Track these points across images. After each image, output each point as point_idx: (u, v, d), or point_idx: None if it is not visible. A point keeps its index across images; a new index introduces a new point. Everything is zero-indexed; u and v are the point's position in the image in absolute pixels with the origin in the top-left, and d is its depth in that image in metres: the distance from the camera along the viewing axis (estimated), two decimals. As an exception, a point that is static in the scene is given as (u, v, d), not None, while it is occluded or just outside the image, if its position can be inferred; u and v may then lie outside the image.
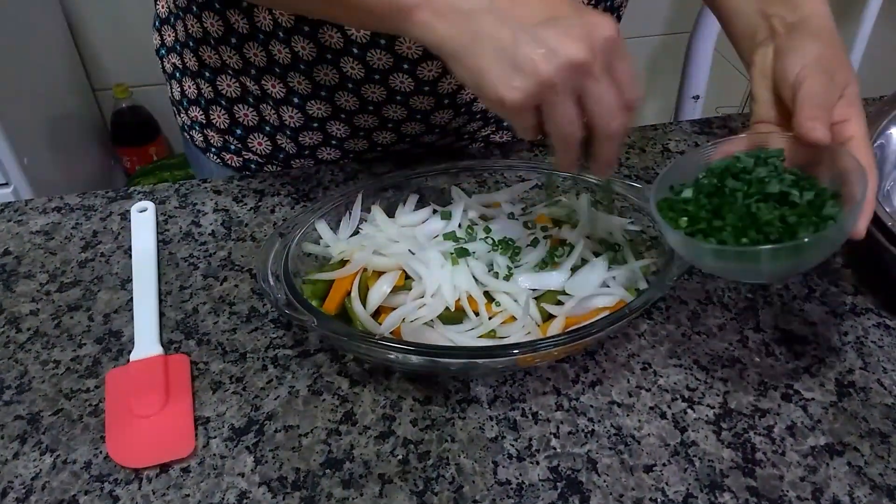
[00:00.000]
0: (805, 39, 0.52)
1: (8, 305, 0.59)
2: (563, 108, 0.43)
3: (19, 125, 1.29)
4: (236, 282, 0.61)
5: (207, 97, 0.72)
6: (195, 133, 0.77)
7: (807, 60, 0.50)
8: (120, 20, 1.63)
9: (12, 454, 0.49)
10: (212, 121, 0.74)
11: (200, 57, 0.70)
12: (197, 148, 0.78)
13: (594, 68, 0.42)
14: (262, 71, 0.66)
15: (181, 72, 0.74)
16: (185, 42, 0.70)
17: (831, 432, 0.50)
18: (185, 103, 0.76)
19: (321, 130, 0.70)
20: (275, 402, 0.52)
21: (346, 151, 0.73)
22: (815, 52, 0.51)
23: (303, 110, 0.68)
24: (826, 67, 0.50)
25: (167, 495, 0.47)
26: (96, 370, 0.54)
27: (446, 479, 0.48)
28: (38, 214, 0.67)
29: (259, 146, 0.73)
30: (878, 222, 0.55)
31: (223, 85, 0.70)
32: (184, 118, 0.77)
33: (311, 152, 0.73)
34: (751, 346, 0.56)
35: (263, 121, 0.71)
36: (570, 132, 0.44)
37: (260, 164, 0.76)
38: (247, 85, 0.69)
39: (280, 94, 0.67)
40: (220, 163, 0.77)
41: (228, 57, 0.67)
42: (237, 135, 0.73)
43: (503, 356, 0.49)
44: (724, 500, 0.47)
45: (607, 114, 0.44)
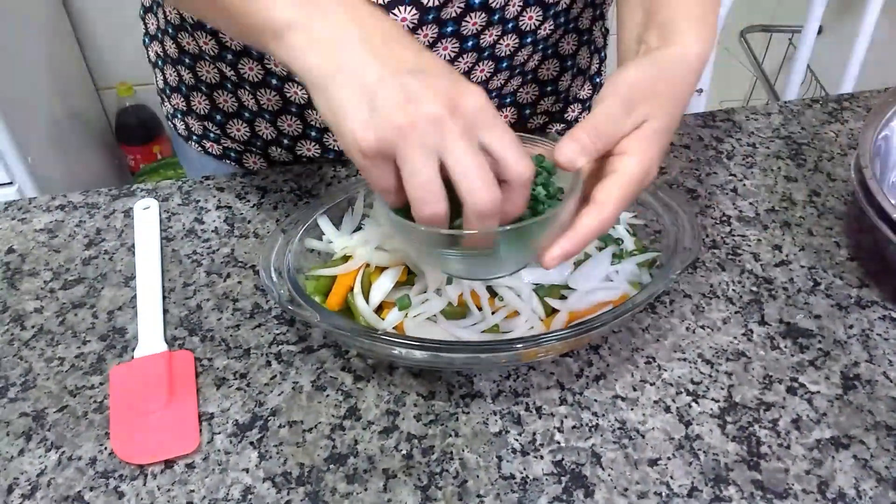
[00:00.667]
0: (635, 64, 0.47)
1: (12, 303, 0.59)
2: (417, 165, 0.39)
3: (23, 124, 1.29)
4: (239, 278, 0.61)
5: (188, 84, 0.72)
6: (177, 121, 0.77)
7: (619, 83, 0.46)
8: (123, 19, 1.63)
9: (18, 451, 0.49)
10: (192, 108, 0.74)
11: (179, 43, 0.70)
12: (180, 136, 0.79)
13: (453, 128, 0.39)
14: (239, 55, 0.66)
15: (163, 59, 0.74)
16: (165, 29, 0.71)
17: (837, 425, 0.50)
18: (168, 91, 0.76)
19: (300, 117, 0.70)
20: (279, 398, 0.52)
21: (325, 148, 0.72)
22: (632, 77, 0.46)
23: (280, 93, 0.68)
24: (631, 94, 0.45)
25: (172, 491, 0.47)
26: (101, 367, 0.54)
27: (450, 473, 0.48)
28: (42, 212, 0.68)
29: (238, 132, 0.73)
30: (883, 214, 0.55)
31: (202, 71, 0.70)
32: (167, 107, 0.78)
33: (291, 142, 0.72)
34: (755, 339, 0.56)
35: (242, 106, 0.71)
36: (426, 197, 0.39)
37: (239, 153, 0.76)
38: (224, 70, 0.68)
39: (258, 78, 0.67)
40: (202, 151, 0.77)
41: (204, 42, 0.67)
42: (216, 121, 0.73)
43: (506, 351, 0.49)
44: (728, 493, 0.47)
45: (474, 183, 0.39)
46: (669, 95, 0.47)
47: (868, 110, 0.78)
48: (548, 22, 0.66)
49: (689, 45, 0.48)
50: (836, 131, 0.75)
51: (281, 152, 0.74)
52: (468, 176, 0.39)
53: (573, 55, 0.73)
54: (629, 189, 0.45)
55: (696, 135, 0.77)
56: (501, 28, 0.63)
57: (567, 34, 0.71)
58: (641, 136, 0.45)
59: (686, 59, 0.48)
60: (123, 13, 1.62)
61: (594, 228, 0.44)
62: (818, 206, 0.67)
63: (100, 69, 1.70)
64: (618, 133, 0.45)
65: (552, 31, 0.67)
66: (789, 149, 0.73)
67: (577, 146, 0.44)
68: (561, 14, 0.67)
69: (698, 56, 0.48)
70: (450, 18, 0.60)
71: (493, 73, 0.67)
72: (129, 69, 1.69)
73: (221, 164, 0.77)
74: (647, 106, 0.46)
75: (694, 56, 0.48)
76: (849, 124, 0.76)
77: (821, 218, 0.66)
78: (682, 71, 0.48)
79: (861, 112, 0.78)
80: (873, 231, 0.56)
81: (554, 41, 0.70)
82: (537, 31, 0.66)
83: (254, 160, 0.76)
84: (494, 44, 0.64)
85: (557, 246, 0.43)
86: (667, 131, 0.47)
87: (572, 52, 0.73)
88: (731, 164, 0.72)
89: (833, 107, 0.79)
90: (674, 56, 0.48)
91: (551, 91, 0.75)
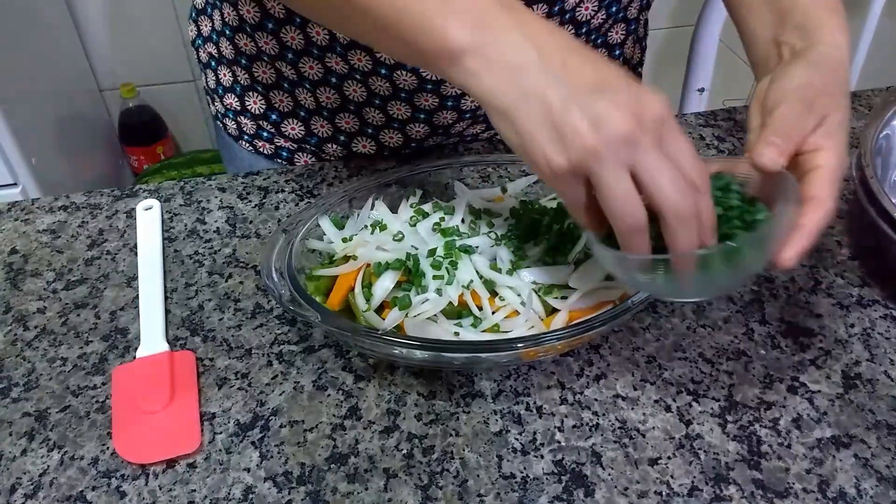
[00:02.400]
0: (798, 66, 0.51)
1: (15, 303, 0.60)
2: (612, 181, 0.40)
3: (27, 125, 1.30)
4: (241, 278, 0.61)
5: (244, 84, 0.73)
6: (229, 121, 0.78)
7: (789, 86, 0.49)
8: (126, 20, 1.64)
9: (20, 451, 0.50)
10: (247, 107, 0.75)
11: (237, 44, 0.71)
12: (229, 136, 0.79)
13: (642, 141, 0.40)
14: (299, 54, 0.67)
15: (217, 60, 0.75)
16: (222, 30, 0.72)
17: (837, 424, 0.50)
18: (221, 91, 0.77)
19: (357, 115, 0.71)
20: (280, 398, 0.52)
21: (381, 145, 0.73)
22: (802, 78, 0.49)
23: (340, 91, 0.69)
24: (806, 94, 0.48)
25: (173, 490, 0.47)
26: (103, 367, 0.55)
27: (451, 473, 0.48)
28: (45, 213, 0.68)
29: (293, 130, 0.74)
30: (884, 213, 0.55)
31: (259, 71, 0.71)
32: (218, 106, 0.79)
33: (347, 139, 0.73)
34: (756, 338, 0.56)
35: (299, 105, 0.72)
36: (626, 210, 0.41)
37: (291, 152, 0.76)
38: (282, 70, 0.69)
39: (318, 76, 0.68)
40: (253, 150, 0.78)
41: (265, 42, 0.68)
42: (272, 120, 0.74)
43: (507, 350, 0.49)
44: (729, 492, 0.47)
45: (669, 190, 0.40)
46: (839, 90, 0.50)
47: (870, 109, 0.78)
48: (601, 12, 0.66)
49: (836, 38, 0.52)
50: (838, 130, 0.75)
51: (336, 149, 0.74)
52: (662, 183, 0.40)
53: (621, 44, 0.74)
54: (836, 180, 0.47)
55: (698, 134, 0.77)
56: (559, 19, 0.64)
57: (617, 23, 0.71)
58: (828, 130, 0.48)
59: (839, 53, 0.52)
60: (127, 14, 1.63)
61: (820, 223, 0.46)
62: (820, 205, 0.67)
63: (103, 70, 1.71)
64: (804, 132, 0.48)
65: (604, 21, 0.68)
66: (791, 148, 0.73)
67: (775, 149, 0.46)
68: (613, 3, 0.67)
69: (844, 46, 0.52)
70: None
71: None
72: (133, 70, 1.70)
73: (272, 163, 0.78)
74: (823, 103, 0.48)
75: (844, 47, 0.52)
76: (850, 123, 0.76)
77: (822, 217, 0.66)
78: (840, 65, 0.51)
79: (863, 111, 0.78)
80: (874, 230, 0.56)
81: (605, 30, 0.70)
82: (591, 21, 0.66)
83: (305, 159, 0.77)
84: None
85: (793, 246, 0.45)
86: (847, 122, 0.50)
87: (620, 41, 0.73)
88: (733, 164, 0.72)
89: (835, 105, 0.78)
90: (829, 53, 0.51)
91: None
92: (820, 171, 0.47)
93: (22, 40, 1.36)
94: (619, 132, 0.39)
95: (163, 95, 1.75)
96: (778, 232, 0.45)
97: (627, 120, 0.40)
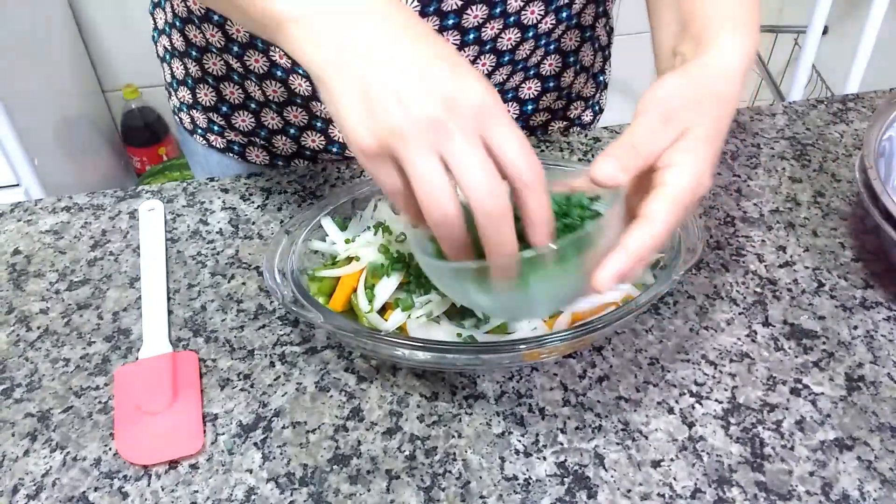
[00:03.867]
0: (671, 76, 0.46)
1: (18, 304, 0.60)
2: (419, 167, 0.38)
3: (30, 126, 1.30)
4: (244, 279, 0.61)
5: (195, 76, 0.73)
6: (183, 115, 0.78)
7: (654, 96, 0.45)
8: (129, 22, 1.64)
9: (23, 451, 0.50)
10: (198, 100, 0.75)
11: (186, 36, 0.71)
12: (185, 130, 0.80)
13: (452, 128, 0.38)
14: (244, 46, 0.67)
15: (170, 53, 0.75)
16: (173, 23, 0.72)
17: (841, 427, 0.50)
18: (175, 84, 0.77)
19: (305, 108, 0.70)
20: (282, 399, 0.52)
21: (330, 139, 0.73)
22: (672, 90, 0.45)
23: (286, 84, 0.68)
24: (668, 106, 0.44)
25: (176, 491, 0.47)
26: (105, 368, 0.55)
27: (453, 474, 0.48)
28: (48, 214, 0.68)
29: (243, 123, 0.73)
30: (887, 215, 0.54)
31: (209, 63, 0.71)
32: (174, 100, 0.79)
33: (297, 132, 0.73)
34: (759, 340, 0.56)
35: (248, 97, 0.72)
36: (432, 198, 0.38)
37: (242, 146, 0.76)
38: (230, 63, 0.69)
39: (263, 69, 0.67)
40: (206, 144, 0.78)
41: (211, 35, 0.68)
42: (222, 112, 0.74)
43: (509, 352, 0.49)
44: (732, 494, 0.46)
45: (477, 181, 0.38)
46: (711, 103, 0.45)
47: (873, 111, 0.78)
48: (549, 16, 0.66)
49: (724, 50, 0.47)
50: (841, 132, 0.75)
51: (286, 142, 0.74)
52: (470, 174, 0.38)
53: (576, 51, 0.73)
54: (679, 201, 0.42)
55: (700, 136, 0.77)
56: (503, 21, 0.63)
57: (570, 30, 0.71)
58: (686, 146, 0.44)
59: (723, 65, 0.46)
60: (129, 15, 1.63)
61: (646, 244, 0.41)
62: (823, 206, 0.67)
63: (106, 71, 1.71)
64: (656, 147, 0.43)
65: (554, 26, 0.68)
66: (794, 149, 0.73)
67: (615, 163, 0.42)
68: (563, 9, 0.67)
69: (740, 58, 0.47)
70: (451, 11, 0.60)
71: (494, 67, 0.67)
72: (135, 71, 1.70)
73: (224, 157, 0.78)
74: (687, 116, 0.44)
75: (731, 61, 0.47)
76: (854, 125, 0.76)
77: (825, 219, 0.66)
78: (719, 78, 0.46)
79: (866, 112, 0.78)
80: (878, 232, 0.56)
81: (556, 37, 0.70)
82: (539, 26, 0.66)
83: (256, 153, 0.76)
84: (496, 37, 0.64)
85: (608, 266, 0.40)
86: (714, 138, 0.45)
87: (575, 48, 0.73)
88: (736, 165, 0.72)
89: (838, 107, 0.78)
90: (710, 64, 0.46)
91: (554, 87, 0.75)
92: (662, 189, 0.43)
93: (25, 41, 1.36)
94: (425, 114, 0.38)
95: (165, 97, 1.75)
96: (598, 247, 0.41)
97: (437, 103, 0.38)
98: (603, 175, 0.41)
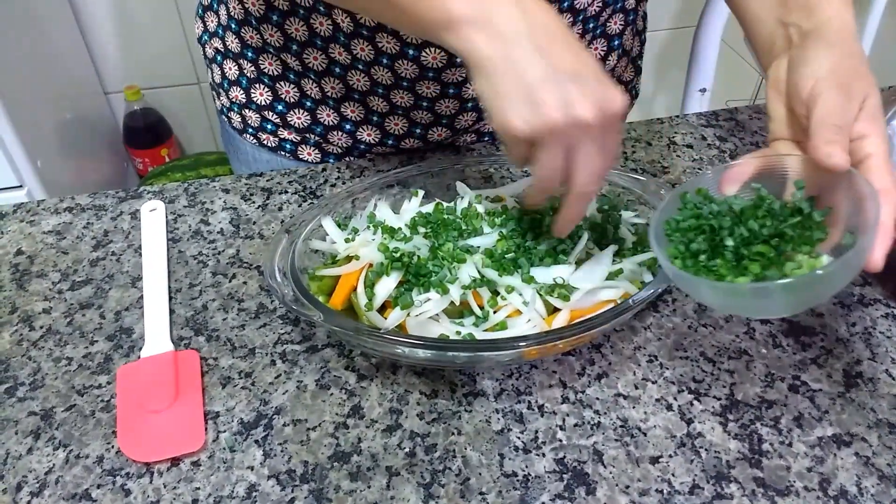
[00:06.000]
0: (819, 49, 0.49)
1: (21, 304, 0.60)
2: (553, 154, 0.46)
3: (32, 128, 1.30)
4: (245, 279, 0.61)
5: (249, 76, 0.74)
6: (233, 114, 0.79)
7: (820, 73, 0.48)
8: (131, 23, 1.64)
9: (26, 449, 0.50)
10: (252, 99, 0.76)
11: (242, 38, 0.72)
12: (234, 130, 0.80)
13: (595, 132, 0.45)
14: (303, 45, 0.68)
15: (223, 55, 0.76)
16: (227, 25, 0.73)
17: (839, 423, 0.50)
18: (226, 85, 0.78)
19: (362, 103, 0.71)
20: (283, 397, 0.52)
21: (385, 132, 0.74)
22: (829, 63, 0.48)
23: (344, 81, 0.70)
24: (841, 80, 0.47)
25: (178, 489, 0.48)
26: (108, 367, 0.55)
27: (453, 471, 0.48)
28: (50, 214, 0.68)
29: (298, 120, 0.75)
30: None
31: (265, 63, 0.72)
32: (223, 100, 0.80)
33: (353, 128, 0.74)
34: (757, 337, 0.56)
35: (304, 95, 0.73)
36: (552, 178, 0.48)
37: (295, 144, 0.77)
38: (287, 61, 0.71)
39: (322, 66, 0.69)
40: (256, 143, 0.79)
41: (269, 35, 0.69)
42: (277, 110, 0.75)
43: (509, 349, 0.49)
44: (730, 490, 0.47)
45: (588, 175, 0.47)
46: (860, 67, 0.49)
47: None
48: (598, 1, 0.67)
49: (843, 13, 0.51)
50: (840, 130, 0.75)
51: (341, 137, 0.75)
52: (583, 173, 0.47)
53: (619, 35, 0.74)
54: (889, 165, 0.46)
55: (700, 134, 0.77)
56: (557, 7, 0.64)
57: (615, 14, 0.71)
58: (870, 114, 0.47)
59: (848, 27, 0.50)
60: (131, 17, 1.64)
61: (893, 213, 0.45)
62: (821, 204, 0.67)
63: (108, 73, 1.71)
64: (851, 119, 0.47)
65: (601, 9, 0.68)
66: (792, 147, 0.73)
67: (838, 147, 0.45)
68: None
69: (850, 19, 0.51)
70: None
71: None
72: (137, 73, 1.71)
73: (275, 156, 0.79)
74: (857, 85, 0.48)
75: (848, 20, 0.51)
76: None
77: (824, 216, 0.66)
78: (853, 39, 0.50)
79: (865, 110, 0.78)
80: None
81: (603, 20, 0.71)
82: (587, 9, 0.67)
83: (309, 151, 0.77)
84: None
85: (878, 247, 0.44)
86: (880, 102, 0.48)
87: (619, 31, 0.73)
88: (734, 163, 0.72)
89: (836, 105, 0.79)
90: (836, 29, 0.50)
91: None
92: (873, 159, 0.46)
93: (26, 43, 1.36)
94: (581, 117, 0.44)
95: (167, 98, 1.76)
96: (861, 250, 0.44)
97: (591, 109, 0.44)
98: (839, 161, 0.45)
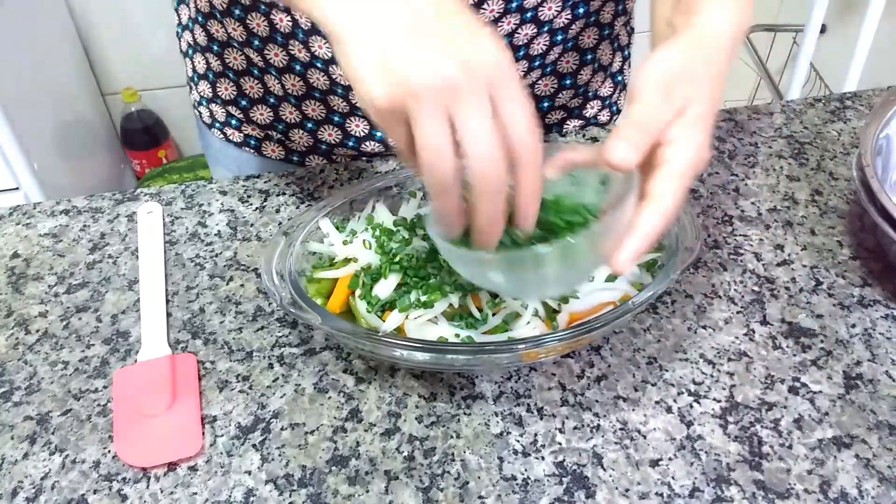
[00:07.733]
0: (669, 48, 0.46)
1: (17, 307, 0.60)
2: (427, 127, 0.38)
3: (29, 130, 1.30)
4: (242, 281, 0.61)
5: (216, 71, 0.74)
6: (202, 108, 0.79)
7: (650, 71, 0.45)
8: (128, 25, 1.64)
9: (22, 454, 0.50)
10: (218, 94, 0.76)
11: (208, 31, 0.72)
12: (204, 124, 0.81)
13: (465, 89, 0.37)
14: (265, 40, 0.67)
15: (193, 48, 0.76)
16: (195, 18, 0.73)
17: (839, 425, 0.50)
18: (196, 79, 0.78)
19: (323, 102, 0.71)
20: (281, 400, 0.52)
21: (346, 133, 0.73)
22: (667, 63, 0.45)
23: (304, 78, 0.69)
24: (667, 81, 0.44)
25: (175, 493, 0.47)
26: (104, 370, 0.55)
27: (452, 475, 0.48)
28: (46, 217, 0.68)
29: (261, 116, 0.74)
30: (885, 213, 0.55)
31: (230, 57, 0.72)
32: (194, 94, 0.80)
33: (315, 126, 0.73)
34: (757, 339, 0.56)
35: (268, 91, 0.73)
36: (432, 159, 0.38)
37: (259, 140, 0.77)
38: (250, 57, 0.70)
39: (282, 63, 0.69)
40: (223, 138, 0.79)
41: (233, 29, 0.69)
42: (241, 105, 0.75)
43: (508, 352, 0.49)
44: (730, 493, 0.46)
45: (481, 147, 0.38)
46: (705, 75, 0.46)
47: (871, 109, 0.78)
48: (566, 12, 0.66)
49: (715, 19, 0.47)
50: (839, 130, 0.75)
51: (302, 136, 0.75)
52: (475, 137, 0.38)
53: (594, 49, 0.73)
54: (684, 177, 0.43)
55: (698, 135, 0.77)
56: (520, 17, 0.63)
57: (588, 27, 0.71)
58: (686, 121, 0.44)
59: (714, 34, 0.47)
60: (128, 19, 1.63)
61: (657, 223, 0.42)
62: (820, 205, 0.67)
63: (105, 74, 1.71)
64: (661, 123, 0.44)
65: (570, 22, 0.68)
66: (791, 148, 0.73)
67: (629, 144, 0.42)
68: (580, 5, 0.67)
69: (728, 29, 0.47)
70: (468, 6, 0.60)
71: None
72: (135, 74, 1.70)
73: (241, 151, 0.78)
74: (684, 89, 0.45)
75: (722, 30, 0.47)
76: (851, 123, 0.76)
77: (823, 217, 0.66)
78: (712, 48, 0.46)
79: (864, 111, 0.78)
80: (875, 230, 0.56)
81: (574, 33, 0.70)
82: (555, 21, 0.66)
83: (272, 148, 0.77)
84: (513, 33, 0.65)
85: (625, 248, 0.42)
86: (710, 113, 0.46)
87: (593, 45, 0.73)
88: (733, 164, 0.72)
89: (835, 106, 0.79)
90: (698, 33, 0.47)
91: (570, 85, 0.75)
92: (667, 166, 0.43)
93: (24, 45, 1.36)
94: (440, 74, 0.37)
95: (164, 100, 1.76)
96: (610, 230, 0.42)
97: (453, 64, 0.37)
98: (619, 158, 0.42)
